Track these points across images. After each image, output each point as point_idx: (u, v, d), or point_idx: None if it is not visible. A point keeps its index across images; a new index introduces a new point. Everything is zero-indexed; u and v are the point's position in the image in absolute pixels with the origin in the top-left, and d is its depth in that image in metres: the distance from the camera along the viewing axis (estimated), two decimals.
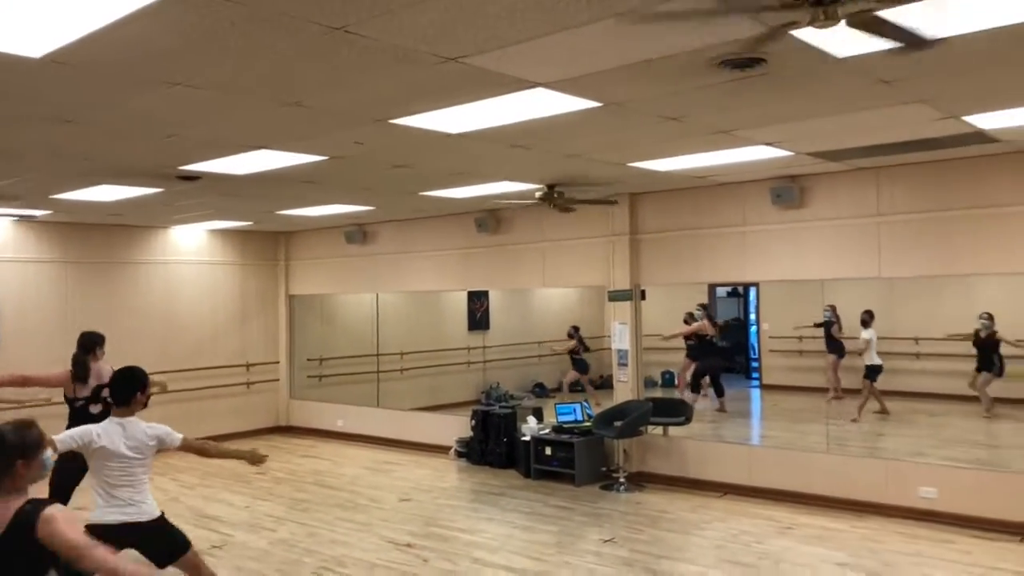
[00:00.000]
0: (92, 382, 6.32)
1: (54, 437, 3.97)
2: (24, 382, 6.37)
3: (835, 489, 7.27)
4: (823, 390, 10.74)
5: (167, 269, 11.11)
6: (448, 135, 5.31)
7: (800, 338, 11.63)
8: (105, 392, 5.72)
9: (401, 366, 12.12)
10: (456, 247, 10.29)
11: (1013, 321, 9.49)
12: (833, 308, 10.57)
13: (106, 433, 4.31)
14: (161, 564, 4.32)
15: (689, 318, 11.74)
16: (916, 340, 10.75)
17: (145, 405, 4.53)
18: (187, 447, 4.56)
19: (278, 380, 12.27)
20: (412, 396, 11.71)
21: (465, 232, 10.07)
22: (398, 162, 6.40)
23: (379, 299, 11.95)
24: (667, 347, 11.69)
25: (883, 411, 10.34)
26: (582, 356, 12.74)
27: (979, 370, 9.82)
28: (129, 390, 4.45)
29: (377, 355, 11.94)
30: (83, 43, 3.34)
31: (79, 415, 6.11)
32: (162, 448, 4.47)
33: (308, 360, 12.24)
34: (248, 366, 11.88)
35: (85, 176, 6.77)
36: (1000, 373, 9.71)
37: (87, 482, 4.59)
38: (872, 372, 10.15)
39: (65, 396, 6.38)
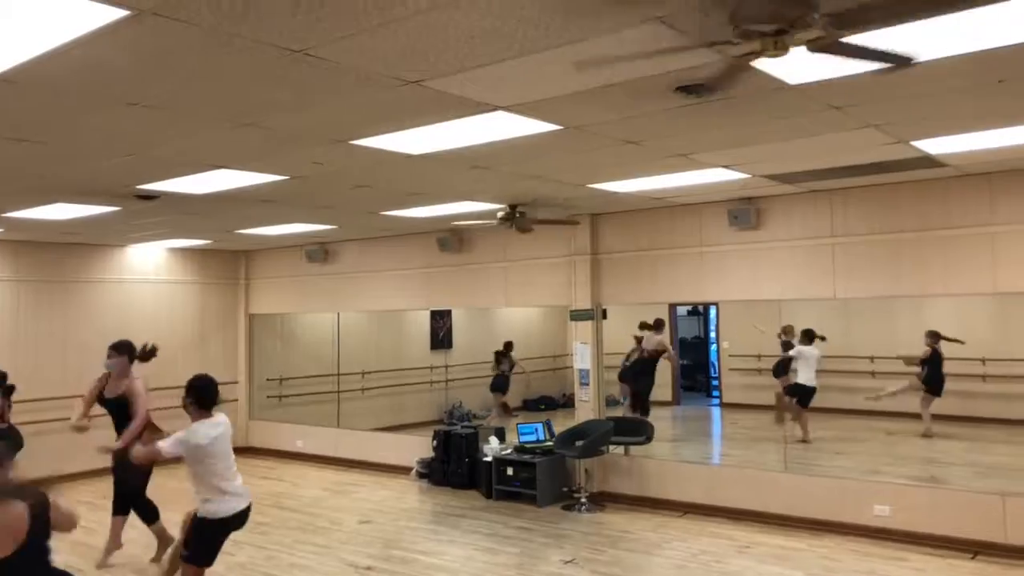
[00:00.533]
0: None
1: None
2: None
3: (792, 508, 7.36)
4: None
5: (124, 288, 10.93)
6: (409, 156, 5.32)
7: (759, 356, 11.77)
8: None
9: (362, 386, 12.03)
10: (418, 266, 10.28)
11: (969, 340, 9.70)
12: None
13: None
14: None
15: (637, 341, 11.13)
16: (871, 359, 10.94)
17: (198, 408, 5.20)
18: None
19: (237, 400, 12.09)
20: (373, 416, 11.62)
21: (427, 251, 10.07)
22: (359, 182, 6.39)
23: (340, 318, 11.88)
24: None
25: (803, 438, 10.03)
26: (506, 375, 12.36)
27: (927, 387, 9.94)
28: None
29: (338, 375, 11.84)
30: (37, 63, 3.30)
31: None
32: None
33: (268, 380, 12.11)
34: None
35: (39, 194, 6.65)
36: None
37: None
38: (796, 391, 9.98)
39: None
